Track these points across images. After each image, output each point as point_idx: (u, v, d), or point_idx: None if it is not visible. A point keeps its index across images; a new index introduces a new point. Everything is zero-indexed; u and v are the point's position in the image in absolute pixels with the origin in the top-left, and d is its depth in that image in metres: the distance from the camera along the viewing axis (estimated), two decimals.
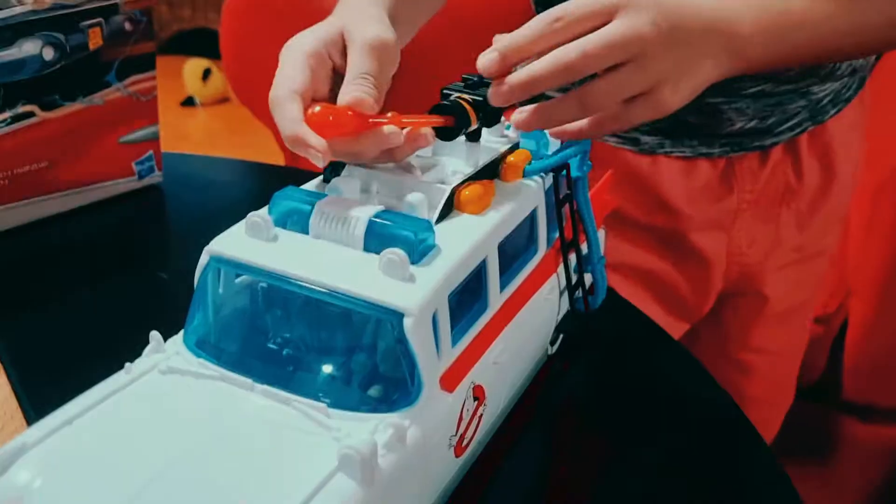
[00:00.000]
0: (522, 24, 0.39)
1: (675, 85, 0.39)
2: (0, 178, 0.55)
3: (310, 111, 0.35)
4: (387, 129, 0.35)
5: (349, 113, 0.35)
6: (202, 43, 2.78)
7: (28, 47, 0.54)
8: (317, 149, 0.34)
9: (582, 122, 0.41)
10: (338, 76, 0.39)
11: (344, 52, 0.39)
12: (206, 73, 2.56)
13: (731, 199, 0.63)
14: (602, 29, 0.37)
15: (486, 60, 0.37)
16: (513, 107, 0.40)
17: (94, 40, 0.57)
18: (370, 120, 0.35)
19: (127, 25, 0.59)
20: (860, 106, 0.65)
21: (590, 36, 0.36)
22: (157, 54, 0.62)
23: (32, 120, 0.56)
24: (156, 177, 0.65)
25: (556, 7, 0.38)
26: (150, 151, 0.64)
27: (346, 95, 0.36)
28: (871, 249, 0.80)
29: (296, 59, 0.38)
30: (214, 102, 2.59)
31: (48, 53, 0.55)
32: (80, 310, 0.51)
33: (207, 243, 0.34)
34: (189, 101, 2.58)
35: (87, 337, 0.48)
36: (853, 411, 0.87)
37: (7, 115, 0.54)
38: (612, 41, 0.36)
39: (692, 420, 0.44)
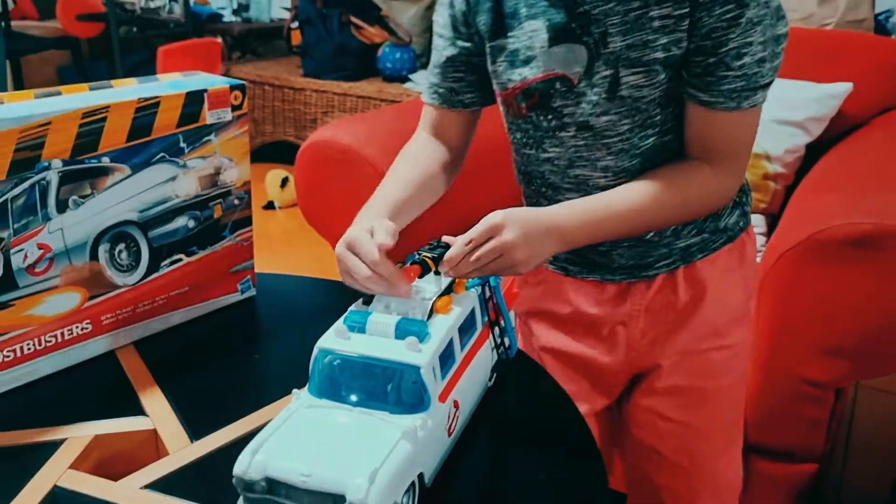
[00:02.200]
0: None
1: (526, 264, 0.74)
2: (162, 298, 0.91)
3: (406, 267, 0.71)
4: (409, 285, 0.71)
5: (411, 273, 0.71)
6: (281, 154, 3.24)
7: (180, 221, 0.91)
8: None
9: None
10: None
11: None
12: (284, 181, 3.00)
13: (626, 306, 0.94)
14: (489, 242, 0.71)
15: (442, 270, 0.72)
16: None
17: (217, 212, 0.94)
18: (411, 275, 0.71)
19: (235, 201, 0.96)
20: (738, 257, 0.93)
21: (481, 249, 0.71)
22: None
23: (180, 263, 0.92)
24: (251, 292, 1.00)
25: (467, 234, 0.71)
26: (249, 276, 1.00)
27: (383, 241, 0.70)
28: (757, 336, 1.09)
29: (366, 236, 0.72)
30: (290, 206, 3.01)
31: (191, 223, 0.92)
32: (212, 375, 0.85)
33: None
34: (270, 205, 3.01)
35: (219, 391, 0.82)
36: (756, 451, 1.14)
37: (167, 261, 0.91)
38: (492, 250, 0.71)
39: (547, 431, 0.76)
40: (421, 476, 0.62)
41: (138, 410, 0.78)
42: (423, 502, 0.63)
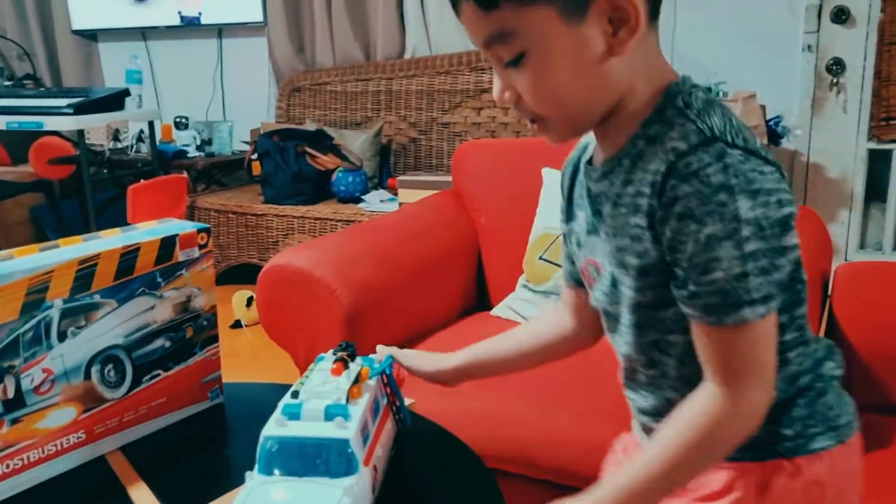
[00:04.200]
0: None
1: None
2: (144, 408, 1.09)
3: None
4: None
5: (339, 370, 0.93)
6: (247, 275, 3.43)
7: (158, 342, 1.09)
8: None
9: None
10: None
11: None
12: (250, 301, 3.18)
13: None
14: None
15: None
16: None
17: (189, 333, 1.13)
18: None
19: (204, 323, 1.15)
20: (756, 485, 0.83)
21: None
22: None
23: (159, 378, 1.10)
24: (220, 399, 1.18)
25: None
26: (217, 386, 1.18)
27: None
28: None
29: None
30: (256, 324, 3.18)
31: (167, 344, 1.10)
32: (188, 469, 1.02)
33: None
34: (237, 324, 3.18)
35: (193, 481, 0.99)
36: None
37: (148, 376, 1.09)
38: None
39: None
40: None
41: (128, 502, 0.94)
42: None
